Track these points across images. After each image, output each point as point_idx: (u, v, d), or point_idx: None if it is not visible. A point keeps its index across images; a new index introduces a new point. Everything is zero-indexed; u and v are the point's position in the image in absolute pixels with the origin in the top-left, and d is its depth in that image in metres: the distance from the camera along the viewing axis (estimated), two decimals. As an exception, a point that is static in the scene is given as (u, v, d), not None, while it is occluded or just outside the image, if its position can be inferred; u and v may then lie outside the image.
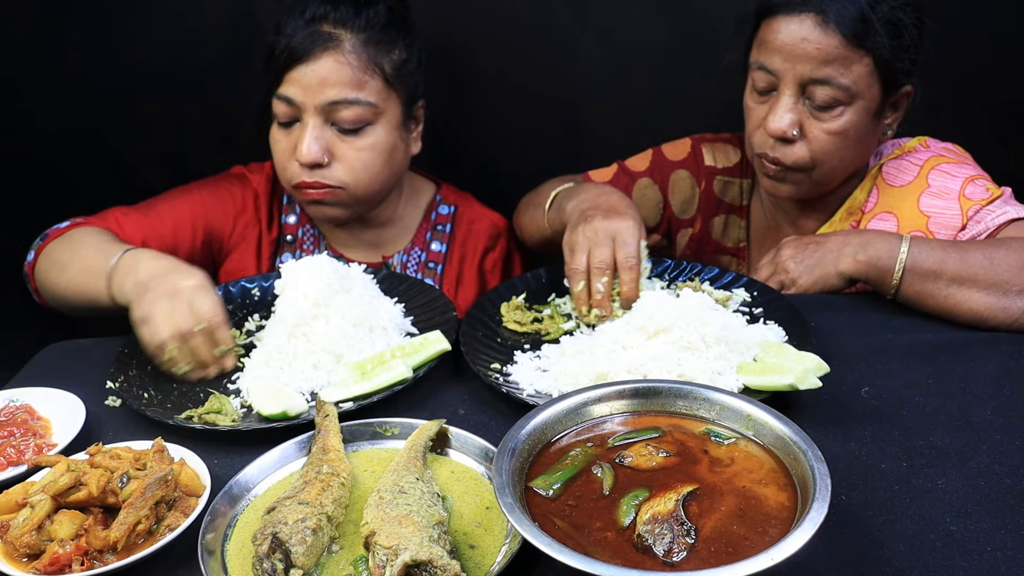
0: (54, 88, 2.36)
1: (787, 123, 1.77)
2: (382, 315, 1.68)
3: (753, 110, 1.86)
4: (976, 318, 1.62)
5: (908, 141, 1.95)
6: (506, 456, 1.10)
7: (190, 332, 1.55)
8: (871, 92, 1.75)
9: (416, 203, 2.21)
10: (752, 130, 1.88)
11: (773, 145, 1.82)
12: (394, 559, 1.03)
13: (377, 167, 1.94)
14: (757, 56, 1.81)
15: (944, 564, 1.09)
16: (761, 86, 1.82)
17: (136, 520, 1.16)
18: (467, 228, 2.21)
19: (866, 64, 1.72)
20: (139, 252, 1.71)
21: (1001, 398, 1.41)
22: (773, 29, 1.76)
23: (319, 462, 1.26)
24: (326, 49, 1.84)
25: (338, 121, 1.88)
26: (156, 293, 1.57)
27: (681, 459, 1.14)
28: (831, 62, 1.71)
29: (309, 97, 1.86)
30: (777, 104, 1.78)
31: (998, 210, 1.76)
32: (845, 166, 1.85)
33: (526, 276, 1.87)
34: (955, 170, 1.84)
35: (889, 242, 1.68)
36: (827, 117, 1.76)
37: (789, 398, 1.42)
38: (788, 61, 1.74)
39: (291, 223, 2.15)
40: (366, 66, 1.87)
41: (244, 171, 2.16)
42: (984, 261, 1.62)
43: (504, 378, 1.53)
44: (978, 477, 1.24)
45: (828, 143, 1.78)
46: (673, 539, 1.00)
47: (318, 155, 1.87)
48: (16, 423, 1.45)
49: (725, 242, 2.15)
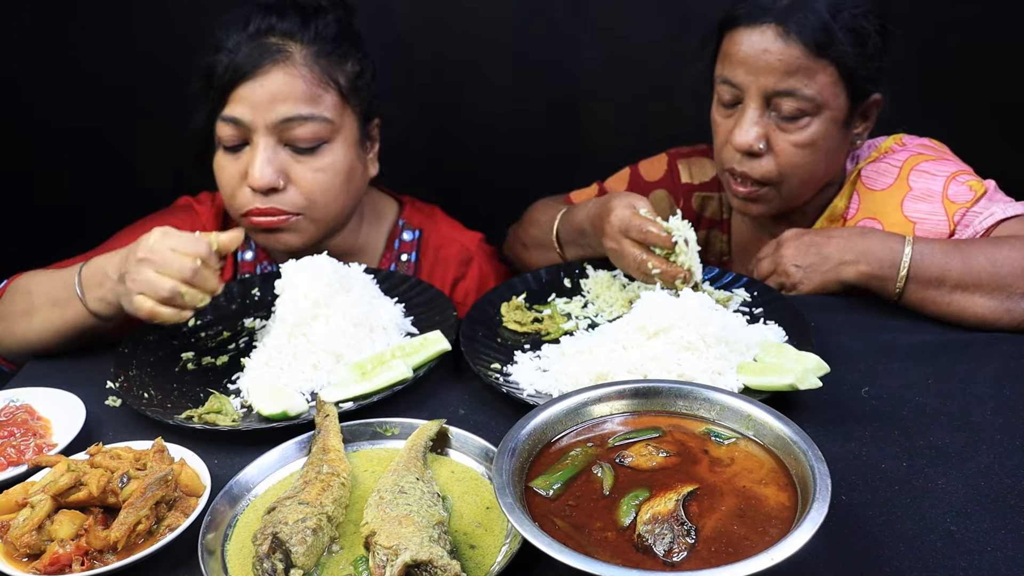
0: (54, 88, 2.36)
1: (753, 136, 1.75)
2: (382, 315, 1.68)
3: (720, 124, 1.84)
4: (981, 323, 1.61)
5: (884, 141, 1.93)
6: (506, 456, 1.10)
7: (195, 270, 1.47)
8: (837, 102, 1.73)
9: (377, 228, 2.05)
10: (720, 145, 1.85)
11: (740, 159, 1.80)
12: (394, 559, 1.03)
13: (336, 189, 1.80)
14: (721, 70, 1.79)
15: (944, 564, 1.09)
16: (726, 99, 1.80)
17: (136, 520, 1.16)
18: (433, 256, 2.04)
19: (830, 74, 1.70)
20: (93, 262, 1.62)
21: (1001, 398, 1.41)
22: (735, 41, 1.74)
23: (319, 462, 1.26)
24: (275, 63, 1.71)
25: (292, 140, 1.75)
26: (135, 267, 1.48)
27: (681, 459, 1.14)
28: (794, 73, 1.69)
29: (259, 116, 1.72)
30: (742, 117, 1.77)
31: (985, 212, 1.74)
32: (815, 179, 1.83)
33: (526, 276, 1.87)
34: (935, 168, 1.82)
35: (892, 249, 1.66)
36: (793, 129, 1.74)
37: (789, 398, 1.42)
38: (751, 73, 1.72)
39: (248, 260, 2.02)
40: (319, 79, 1.75)
41: (191, 202, 2.01)
42: (987, 264, 1.60)
43: (504, 378, 1.53)
44: (978, 477, 1.24)
45: (795, 155, 1.76)
46: (673, 539, 1.00)
47: (272, 178, 1.73)
48: (16, 423, 1.45)
49: (708, 256, 2.13)
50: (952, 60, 2.15)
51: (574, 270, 1.88)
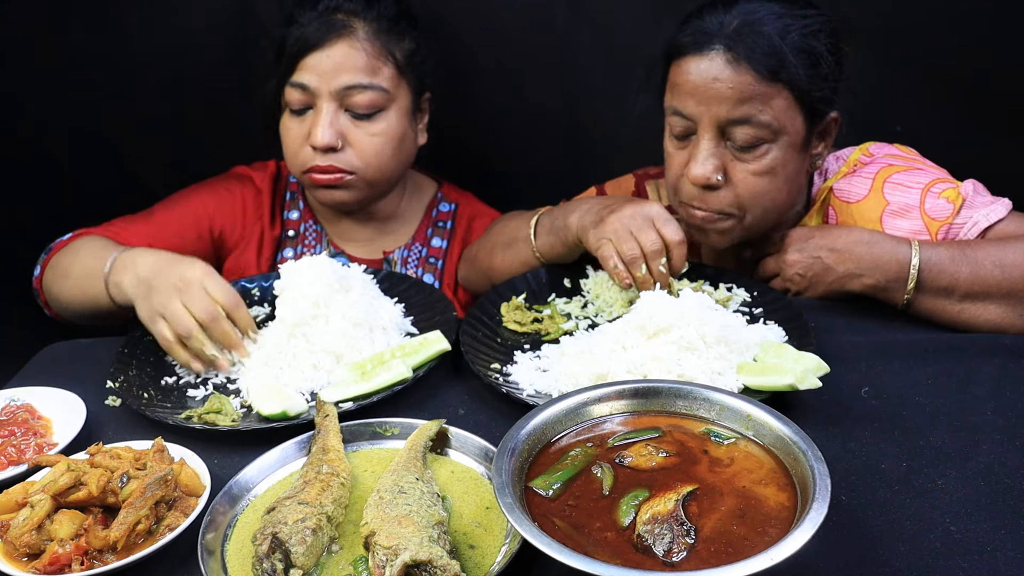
0: (54, 88, 2.35)
1: (710, 169, 1.66)
2: (382, 315, 1.68)
3: (673, 156, 1.75)
4: (994, 329, 1.60)
5: (851, 153, 1.88)
6: (506, 456, 1.10)
7: (216, 317, 1.57)
8: (794, 126, 1.66)
9: (418, 199, 2.24)
10: (674, 179, 1.75)
11: (698, 193, 1.70)
12: (394, 559, 1.03)
13: (388, 153, 1.97)
14: (671, 100, 1.70)
15: (944, 564, 1.09)
16: (678, 131, 1.72)
17: (136, 520, 1.16)
18: (467, 225, 2.22)
19: (785, 97, 1.63)
20: (135, 250, 1.72)
21: (1001, 398, 1.41)
22: (683, 71, 1.66)
23: (319, 462, 1.26)
24: (340, 36, 1.89)
25: (352, 106, 1.92)
26: (165, 287, 1.58)
27: (681, 459, 1.14)
28: (747, 100, 1.61)
29: (324, 83, 1.89)
30: (697, 150, 1.67)
31: (968, 223, 1.69)
32: (777, 206, 1.74)
33: (526, 276, 1.87)
34: (908, 179, 1.76)
35: (898, 261, 1.62)
36: (751, 158, 1.66)
37: (789, 398, 1.42)
38: (703, 104, 1.63)
39: (294, 219, 2.17)
40: (379, 53, 1.92)
41: (246, 170, 2.19)
42: (996, 271, 1.58)
43: (504, 378, 1.53)
44: (978, 477, 1.24)
45: (755, 184, 1.68)
46: (673, 539, 1.00)
47: (333, 139, 1.90)
48: (17, 423, 1.45)
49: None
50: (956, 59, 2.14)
51: (574, 270, 1.88)
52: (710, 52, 1.62)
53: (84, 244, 1.87)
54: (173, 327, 1.57)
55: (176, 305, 1.57)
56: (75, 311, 1.88)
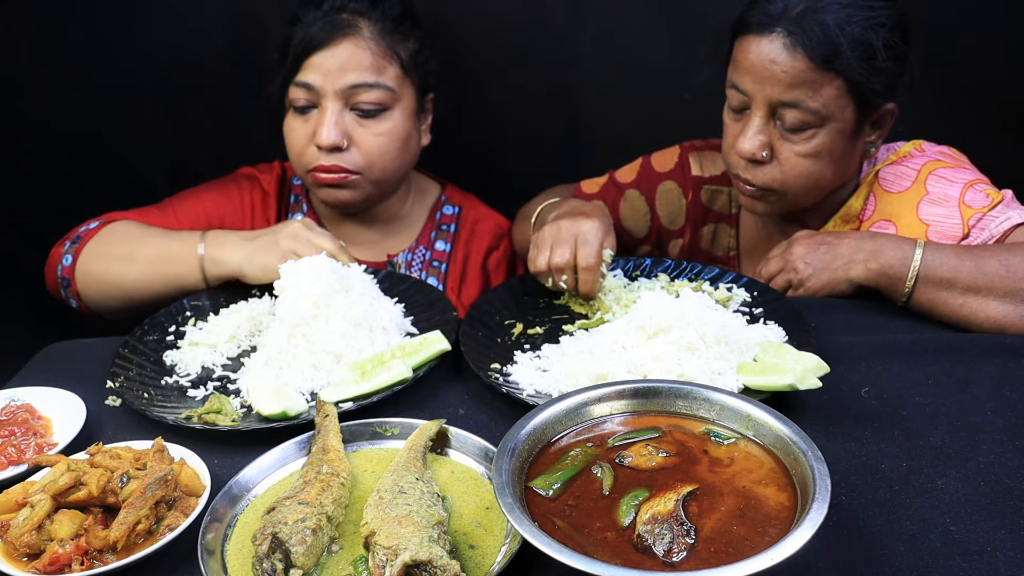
0: (54, 88, 2.36)
1: (756, 145, 1.75)
2: (382, 315, 1.68)
3: (729, 127, 1.84)
4: (994, 327, 1.60)
5: (902, 146, 1.92)
6: (506, 456, 1.10)
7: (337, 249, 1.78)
8: (844, 114, 1.71)
9: (422, 202, 2.24)
10: (727, 148, 1.86)
11: (745, 166, 1.80)
12: (394, 559, 1.03)
13: (393, 153, 1.98)
14: (732, 74, 1.79)
15: (944, 564, 1.09)
16: (735, 105, 1.80)
17: (136, 520, 1.16)
18: (471, 228, 2.23)
19: (837, 86, 1.68)
20: (215, 231, 1.85)
21: (1001, 398, 1.41)
22: (744, 48, 1.73)
23: (319, 462, 1.26)
24: (345, 35, 1.90)
25: (357, 105, 1.93)
26: (287, 236, 1.78)
27: (681, 459, 1.14)
28: (799, 85, 1.67)
29: (329, 82, 1.90)
30: (747, 125, 1.76)
31: (1001, 216, 1.72)
32: (820, 186, 1.81)
33: (525, 276, 1.87)
34: (953, 175, 1.81)
35: (902, 249, 1.65)
36: (798, 139, 1.73)
37: (789, 398, 1.42)
38: (758, 83, 1.71)
39: None
40: (384, 52, 1.93)
41: (253, 171, 2.20)
42: (1000, 268, 1.59)
43: (504, 378, 1.53)
44: (978, 477, 1.24)
45: (799, 165, 1.75)
46: (673, 539, 1.00)
47: (338, 138, 1.91)
48: (17, 422, 1.45)
49: (715, 251, 2.13)
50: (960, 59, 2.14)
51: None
52: (771, 34, 1.68)
53: (133, 231, 1.89)
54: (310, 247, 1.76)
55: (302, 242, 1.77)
56: (121, 297, 1.88)
